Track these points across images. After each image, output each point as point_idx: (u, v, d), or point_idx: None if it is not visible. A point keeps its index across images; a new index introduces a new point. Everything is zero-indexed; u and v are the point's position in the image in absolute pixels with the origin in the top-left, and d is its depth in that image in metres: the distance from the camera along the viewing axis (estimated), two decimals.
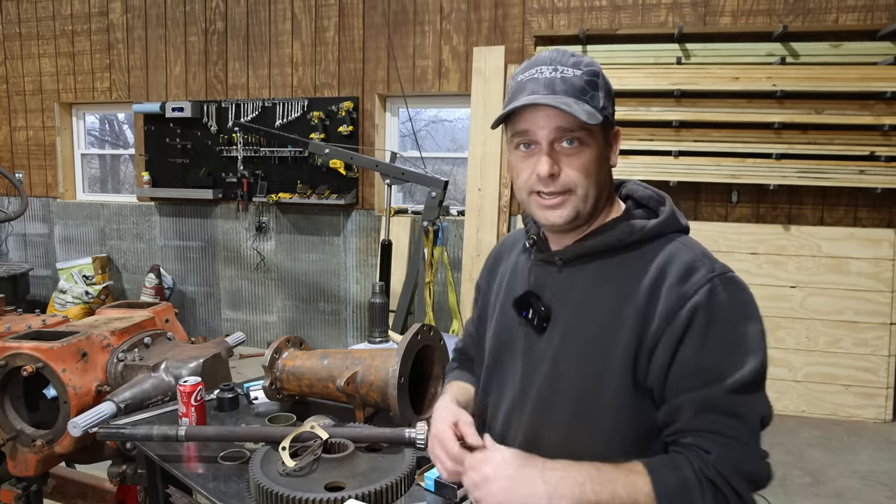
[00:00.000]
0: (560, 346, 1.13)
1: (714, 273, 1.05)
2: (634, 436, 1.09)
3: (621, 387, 1.07)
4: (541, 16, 5.11)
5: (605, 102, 1.10)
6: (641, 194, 1.20)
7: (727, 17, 4.75)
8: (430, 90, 5.44)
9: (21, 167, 6.81)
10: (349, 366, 1.84)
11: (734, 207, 4.89)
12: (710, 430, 1.01)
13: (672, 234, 1.13)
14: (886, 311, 4.47)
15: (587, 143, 1.09)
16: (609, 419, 1.09)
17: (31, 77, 6.67)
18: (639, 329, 1.05)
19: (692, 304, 1.02)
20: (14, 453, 2.08)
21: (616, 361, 1.07)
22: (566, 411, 1.12)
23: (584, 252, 1.15)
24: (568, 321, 1.14)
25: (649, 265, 1.09)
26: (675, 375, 1.03)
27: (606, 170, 1.15)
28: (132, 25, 6.25)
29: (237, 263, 6.16)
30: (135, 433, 1.68)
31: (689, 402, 1.02)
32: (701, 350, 1.02)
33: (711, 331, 1.02)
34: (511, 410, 1.22)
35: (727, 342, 1.02)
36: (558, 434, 1.14)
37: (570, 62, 1.10)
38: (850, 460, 3.91)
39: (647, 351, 1.05)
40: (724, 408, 1.01)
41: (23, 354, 1.99)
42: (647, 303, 1.06)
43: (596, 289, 1.12)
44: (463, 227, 5.29)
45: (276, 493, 1.39)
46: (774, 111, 4.52)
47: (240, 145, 5.80)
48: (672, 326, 1.03)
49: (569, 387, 1.12)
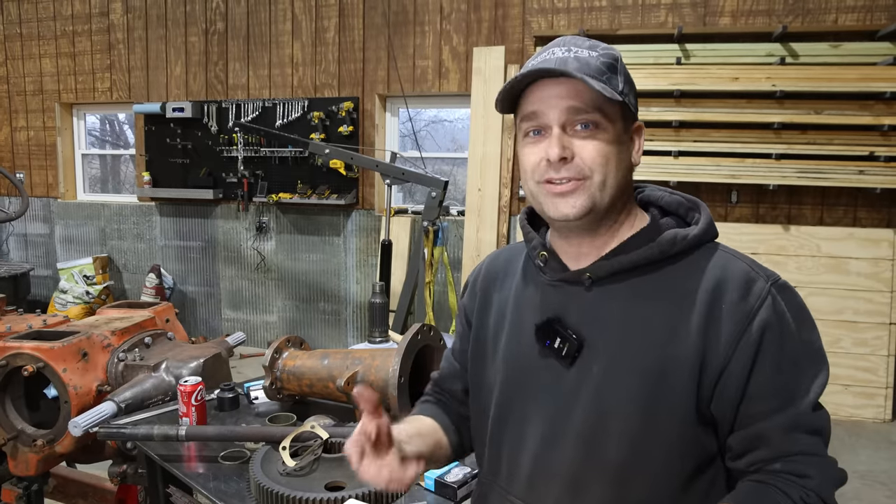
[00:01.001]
0: (603, 378, 0.98)
1: (771, 281, 0.96)
2: (693, 468, 0.97)
3: (684, 416, 0.95)
4: (541, 16, 5.11)
5: (625, 88, 0.98)
6: (669, 200, 1.07)
7: (727, 17, 4.75)
8: (430, 90, 5.44)
9: (22, 167, 6.82)
10: (349, 366, 1.84)
11: (734, 207, 4.89)
12: (802, 451, 0.93)
13: (710, 242, 1.02)
14: (886, 311, 4.47)
15: (604, 128, 0.97)
16: (668, 455, 0.96)
17: (32, 77, 6.67)
18: (701, 350, 0.94)
19: (761, 321, 0.93)
20: (15, 453, 2.09)
21: (677, 390, 0.94)
22: (618, 451, 0.97)
23: (620, 268, 1.00)
24: (608, 348, 0.99)
25: (700, 278, 0.97)
26: (753, 399, 0.93)
27: (626, 165, 1.01)
28: (133, 26, 6.25)
29: (237, 263, 6.17)
30: (135, 433, 1.69)
31: (774, 426, 0.93)
32: (777, 368, 0.93)
33: (784, 347, 0.93)
34: (540, 455, 1.04)
35: (800, 355, 0.95)
36: (609, 475, 0.99)
37: (585, 44, 0.99)
38: (850, 460, 3.91)
39: (714, 374, 0.94)
40: (809, 425, 0.94)
41: (24, 354, 1.99)
42: (707, 321, 0.94)
43: (637, 309, 0.98)
44: (463, 227, 5.29)
45: (277, 492, 1.39)
46: (774, 111, 4.52)
47: (240, 145, 5.80)
48: (742, 346, 0.93)
49: (621, 424, 0.97)
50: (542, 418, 1.05)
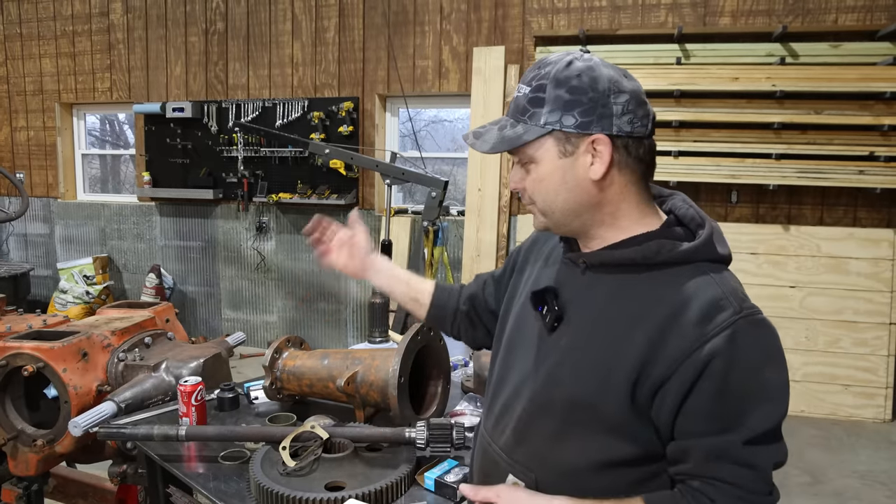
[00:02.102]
0: (564, 353, 1.10)
1: (740, 315, 0.97)
2: (624, 455, 1.05)
3: (617, 410, 1.03)
4: (541, 16, 5.11)
5: (551, 116, 1.03)
6: (684, 213, 1.11)
7: (727, 17, 4.75)
8: (430, 90, 5.44)
9: (22, 167, 6.82)
10: (349, 366, 1.84)
11: (734, 207, 4.89)
12: (721, 478, 0.98)
13: (705, 262, 1.04)
14: (886, 311, 4.47)
15: (536, 160, 1.06)
16: (599, 433, 1.06)
17: (32, 77, 6.67)
18: (644, 358, 1.00)
19: (711, 348, 0.95)
20: (15, 453, 2.09)
21: (615, 383, 1.02)
22: (558, 416, 1.10)
23: (608, 261, 1.09)
24: (578, 329, 1.09)
25: (672, 293, 1.01)
26: (686, 417, 0.99)
27: (576, 183, 1.06)
28: (133, 26, 6.25)
29: (237, 263, 6.17)
30: (135, 433, 1.68)
31: (701, 448, 0.98)
32: (718, 396, 0.96)
33: (730, 376, 0.96)
34: (508, 400, 1.20)
35: (747, 389, 0.97)
36: (547, 436, 1.12)
37: (528, 77, 1.07)
38: (850, 460, 3.91)
39: (653, 384, 1.00)
40: (738, 458, 0.97)
41: (24, 354, 1.99)
42: (661, 333, 0.99)
43: (614, 302, 1.06)
44: (463, 227, 5.29)
45: (277, 492, 1.39)
46: (774, 111, 4.52)
47: (240, 145, 5.80)
48: (685, 367, 0.97)
49: (564, 395, 1.09)
50: (518, 372, 1.19)
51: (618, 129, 1.02)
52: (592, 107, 1.02)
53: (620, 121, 1.02)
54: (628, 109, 1.02)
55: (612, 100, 1.02)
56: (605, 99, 1.02)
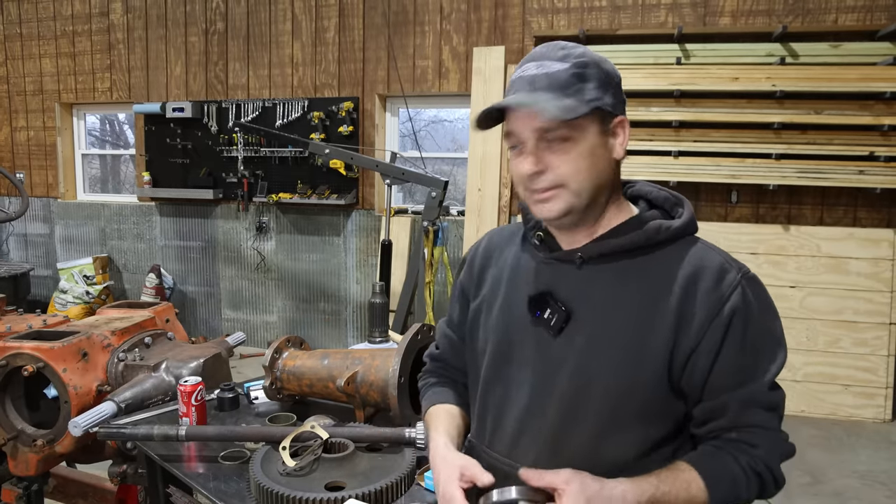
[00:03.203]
0: (587, 349, 1.09)
1: (741, 273, 1.08)
2: (659, 436, 1.10)
3: (657, 388, 1.07)
4: (541, 16, 5.11)
5: (596, 93, 1.06)
6: (657, 195, 1.18)
7: (727, 17, 4.75)
8: (430, 90, 5.44)
9: (22, 167, 6.82)
10: (349, 366, 1.84)
11: (734, 207, 4.89)
12: (756, 424, 1.06)
13: (690, 235, 1.13)
14: (886, 311, 4.47)
15: (574, 138, 1.05)
16: (641, 421, 1.09)
17: (32, 77, 6.67)
18: (675, 330, 1.05)
19: (731, 307, 1.04)
20: (15, 453, 2.09)
21: (652, 363, 1.06)
22: (598, 416, 1.09)
23: (609, 250, 1.11)
24: (593, 322, 1.10)
25: (679, 266, 1.08)
26: (717, 375, 1.05)
27: (606, 163, 1.09)
28: (133, 26, 6.25)
29: (237, 263, 6.17)
30: (135, 433, 1.68)
31: (734, 400, 1.06)
32: (741, 350, 1.05)
33: (748, 331, 1.05)
34: (525, 416, 1.15)
35: (762, 340, 1.07)
36: (587, 441, 1.10)
37: (557, 55, 1.07)
38: (850, 460, 3.91)
39: (686, 351, 1.05)
40: (766, 402, 1.06)
41: (24, 354, 1.99)
42: (683, 304, 1.05)
43: (621, 288, 1.09)
44: (463, 227, 5.29)
45: (277, 492, 1.39)
46: (774, 111, 4.52)
47: (240, 145, 5.80)
48: (713, 329, 1.04)
49: (602, 391, 1.08)
50: (528, 383, 1.15)
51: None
52: (618, 90, 1.11)
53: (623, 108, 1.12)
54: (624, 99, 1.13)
55: (621, 88, 1.12)
56: (619, 85, 1.11)
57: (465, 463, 1.12)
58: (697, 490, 1.03)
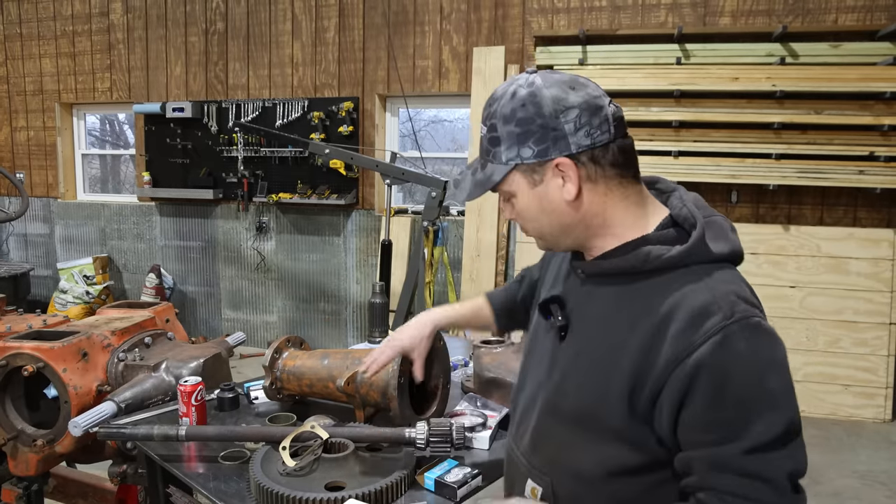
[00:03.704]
0: (571, 361, 1.10)
1: (731, 319, 0.93)
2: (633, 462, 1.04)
3: (618, 417, 1.02)
4: (541, 16, 5.11)
5: (509, 153, 1.04)
6: (677, 212, 1.08)
7: (727, 17, 4.75)
8: (430, 90, 5.44)
9: (22, 167, 6.82)
10: (349, 366, 1.83)
11: (734, 207, 4.89)
12: (726, 490, 0.93)
13: (699, 265, 1.01)
14: (886, 311, 4.47)
15: (515, 194, 1.08)
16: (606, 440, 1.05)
17: (32, 77, 6.67)
18: (638, 367, 0.99)
19: (697, 357, 0.93)
20: (15, 453, 2.08)
21: (613, 392, 1.01)
22: (567, 424, 1.10)
23: (599, 271, 1.09)
24: (582, 338, 1.10)
25: (660, 301, 0.99)
26: (684, 429, 0.97)
27: (560, 206, 1.05)
28: (133, 26, 6.25)
29: (237, 263, 6.17)
30: (135, 433, 1.68)
31: (702, 459, 0.95)
32: (712, 406, 0.93)
33: (725, 385, 0.92)
34: (525, 407, 1.22)
35: (743, 397, 0.92)
36: (559, 444, 1.13)
37: (484, 116, 1.09)
38: (849, 460, 3.91)
39: (650, 395, 0.98)
40: (740, 469, 0.92)
41: (24, 354, 1.99)
42: (651, 342, 0.98)
43: (612, 312, 1.06)
44: (463, 227, 5.29)
45: (277, 492, 1.39)
46: (774, 111, 4.52)
47: (240, 145, 5.80)
48: (674, 378, 0.95)
49: (569, 406, 1.10)
50: (533, 379, 1.22)
51: (577, 147, 1.01)
52: (544, 133, 1.01)
53: (577, 137, 1.01)
54: (581, 124, 1.00)
55: (561, 120, 1.00)
56: (554, 122, 1.00)
57: (418, 352, 1.56)
58: None
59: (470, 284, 5.22)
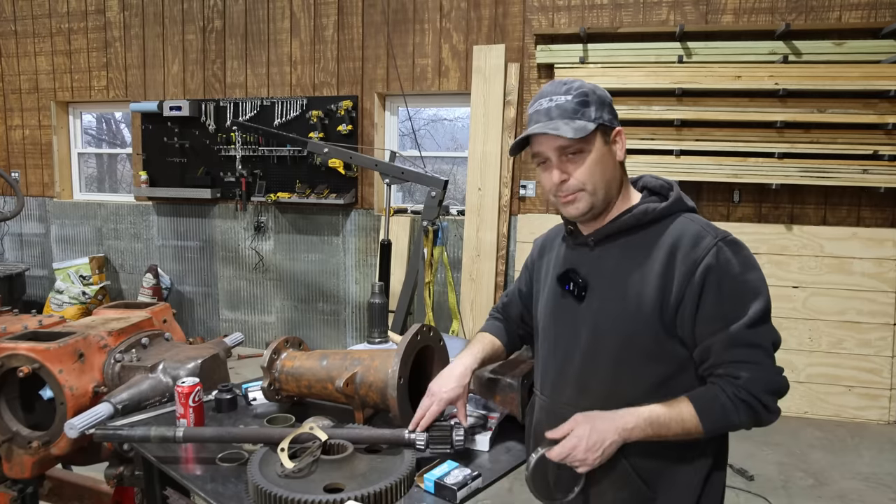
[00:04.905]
0: (600, 310, 1.41)
1: (718, 237, 1.33)
2: (665, 373, 1.37)
3: (652, 335, 1.35)
4: (541, 14, 5.09)
5: (597, 114, 1.37)
6: (654, 185, 1.49)
7: (729, 15, 4.73)
8: (430, 89, 5.42)
9: (17, 166, 6.79)
10: (348, 366, 1.82)
11: (736, 207, 4.87)
12: (737, 359, 1.29)
13: (680, 213, 1.41)
14: (890, 312, 4.45)
15: (586, 150, 1.37)
16: (644, 362, 1.37)
17: (28, 75, 6.64)
18: (661, 289, 1.33)
19: (704, 266, 1.30)
20: (10, 455, 2.06)
21: (646, 315, 1.34)
22: (609, 360, 1.40)
23: (610, 232, 1.42)
24: (603, 289, 1.42)
25: (666, 237, 1.37)
26: (700, 323, 1.31)
27: (612, 166, 1.41)
28: (129, 23, 6.22)
29: (235, 263, 6.14)
30: (132, 434, 1.67)
31: (717, 342, 1.30)
32: (718, 300, 1.30)
33: (724, 283, 1.30)
34: (563, 365, 1.49)
35: (737, 290, 1.31)
36: (604, 379, 1.41)
37: (562, 90, 1.39)
38: (853, 462, 3.89)
39: (673, 306, 1.33)
40: (745, 340, 1.29)
41: (19, 355, 1.97)
42: (666, 268, 1.33)
43: (624, 261, 1.40)
44: (463, 226, 5.27)
45: (275, 494, 1.37)
46: (777, 110, 4.50)
47: (238, 144, 5.78)
48: (691, 285, 1.31)
49: (610, 342, 1.39)
50: (563, 339, 1.50)
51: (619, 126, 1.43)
52: (611, 108, 1.42)
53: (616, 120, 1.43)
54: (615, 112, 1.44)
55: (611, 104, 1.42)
56: (611, 104, 1.43)
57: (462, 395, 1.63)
58: (689, 416, 1.30)
59: (470, 284, 5.20)
